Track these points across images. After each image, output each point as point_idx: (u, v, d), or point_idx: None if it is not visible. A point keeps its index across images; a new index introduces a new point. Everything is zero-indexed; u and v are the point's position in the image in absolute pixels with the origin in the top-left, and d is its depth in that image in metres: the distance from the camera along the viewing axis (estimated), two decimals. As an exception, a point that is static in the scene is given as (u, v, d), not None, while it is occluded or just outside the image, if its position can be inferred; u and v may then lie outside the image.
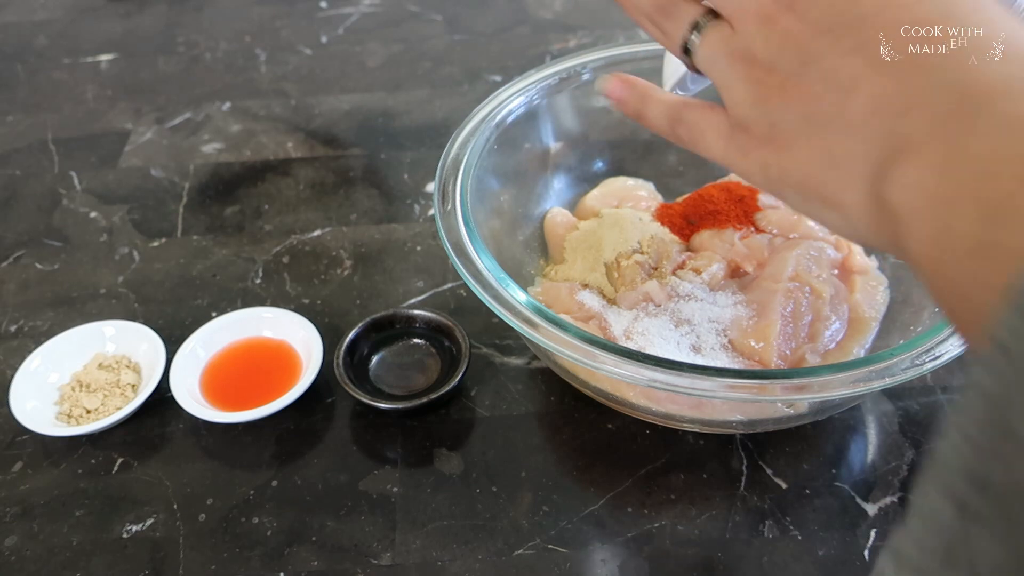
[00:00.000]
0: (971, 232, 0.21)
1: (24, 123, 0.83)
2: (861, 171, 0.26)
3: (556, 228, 0.59)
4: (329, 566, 0.46)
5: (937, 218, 0.22)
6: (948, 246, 0.22)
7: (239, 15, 1.00)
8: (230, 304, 0.61)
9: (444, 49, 0.91)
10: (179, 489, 0.50)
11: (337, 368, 0.52)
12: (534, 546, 0.46)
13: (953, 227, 0.22)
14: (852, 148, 0.26)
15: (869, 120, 0.26)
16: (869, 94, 0.26)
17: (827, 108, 0.27)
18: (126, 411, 0.52)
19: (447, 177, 0.50)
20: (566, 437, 0.52)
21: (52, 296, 0.63)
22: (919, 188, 0.23)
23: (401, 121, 0.80)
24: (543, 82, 0.57)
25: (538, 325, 0.41)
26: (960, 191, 0.22)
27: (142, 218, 0.70)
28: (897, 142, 0.25)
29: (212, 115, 0.82)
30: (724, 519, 0.47)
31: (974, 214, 0.21)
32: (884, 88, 0.25)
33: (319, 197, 0.72)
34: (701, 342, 0.48)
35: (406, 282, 0.63)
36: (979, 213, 0.21)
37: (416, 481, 0.50)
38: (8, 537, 0.48)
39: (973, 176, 0.22)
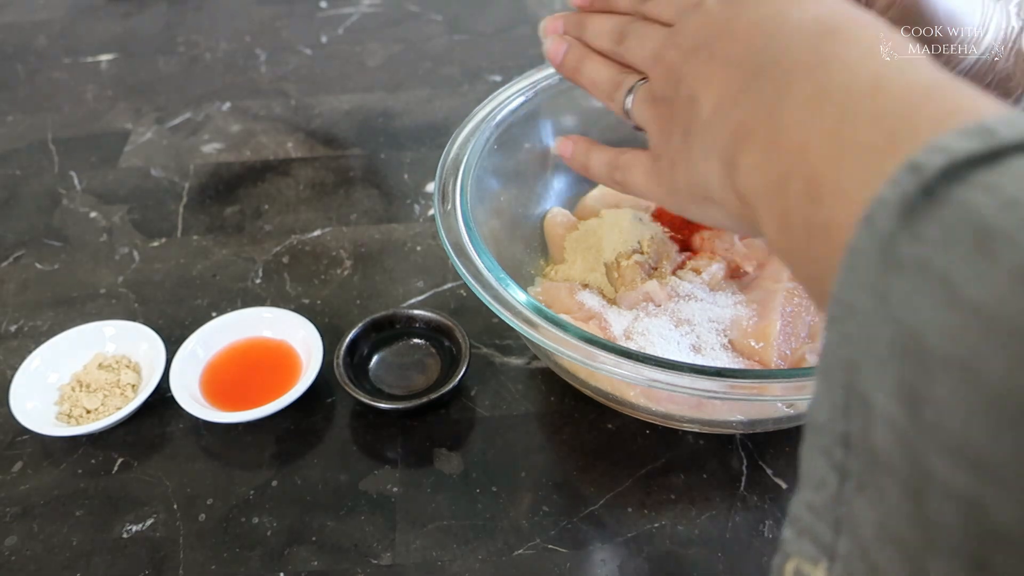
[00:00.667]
0: (802, 214, 0.21)
1: (24, 123, 0.83)
2: (717, 163, 0.27)
3: (556, 228, 0.59)
4: (329, 566, 0.46)
5: (774, 202, 0.23)
6: (788, 230, 0.22)
7: (239, 15, 1.00)
8: (230, 304, 0.61)
9: (444, 49, 0.91)
10: (179, 489, 0.50)
11: (337, 368, 0.52)
12: (534, 546, 0.46)
13: (788, 210, 0.22)
14: (706, 143, 0.28)
15: (713, 116, 0.28)
16: (715, 92, 0.28)
17: (690, 116, 0.30)
18: (126, 411, 0.52)
19: (447, 177, 0.50)
20: (566, 437, 0.52)
21: (52, 296, 0.63)
22: (756, 171, 0.24)
23: (401, 121, 0.80)
24: (543, 82, 0.57)
25: (538, 325, 0.41)
26: (785, 171, 0.22)
27: (142, 218, 0.70)
28: (736, 128, 0.26)
29: (212, 115, 0.82)
30: (724, 519, 0.47)
31: (801, 195, 0.21)
32: (723, 83, 0.27)
33: (319, 197, 0.72)
34: (701, 342, 0.48)
35: (406, 282, 0.63)
36: (803, 193, 0.21)
37: (416, 481, 0.50)
38: (8, 537, 0.48)
39: (791, 155, 0.22)
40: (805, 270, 0.23)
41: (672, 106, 0.32)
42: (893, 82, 0.20)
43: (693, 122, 0.29)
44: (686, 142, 0.30)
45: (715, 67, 0.28)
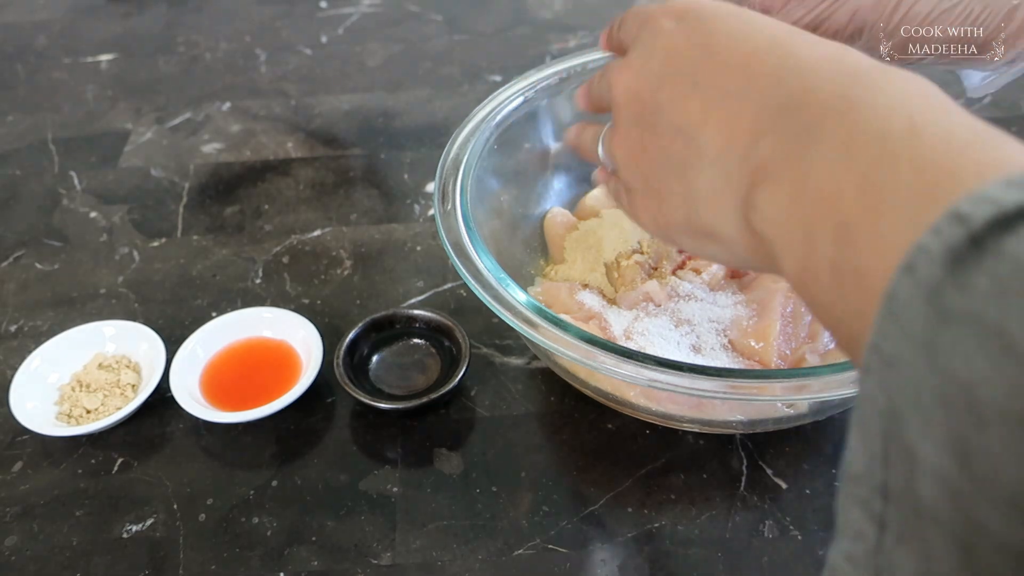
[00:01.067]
0: (829, 257, 0.21)
1: (24, 123, 0.83)
2: (730, 203, 0.27)
3: (556, 228, 0.59)
4: (329, 566, 0.46)
5: (798, 244, 0.23)
6: (813, 272, 0.22)
7: (239, 15, 1.00)
8: (230, 304, 0.61)
9: (444, 49, 0.91)
10: (179, 489, 0.50)
11: (337, 368, 0.52)
12: (534, 546, 0.46)
13: (813, 253, 0.22)
14: (715, 183, 0.27)
15: (724, 153, 0.27)
16: (717, 128, 0.27)
17: (682, 151, 0.29)
18: (126, 411, 0.52)
19: (447, 177, 0.50)
20: (566, 437, 0.52)
21: (52, 296, 0.63)
22: (778, 214, 0.24)
23: (401, 121, 0.80)
24: (543, 82, 0.57)
25: (538, 325, 0.41)
26: (812, 216, 0.22)
27: (142, 218, 0.70)
28: (756, 169, 0.25)
29: (212, 115, 0.82)
30: (724, 519, 0.47)
31: (829, 239, 0.21)
32: (731, 118, 0.26)
33: (319, 197, 0.72)
34: (701, 342, 0.48)
35: (406, 282, 0.63)
36: (832, 238, 0.21)
37: (416, 481, 0.50)
38: (8, 537, 0.48)
39: (820, 200, 0.22)
40: (830, 313, 0.22)
41: (642, 137, 0.31)
42: (931, 129, 0.20)
43: (693, 157, 0.28)
44: (684, 177, 0.29)
45: (710, 100, 0.27)
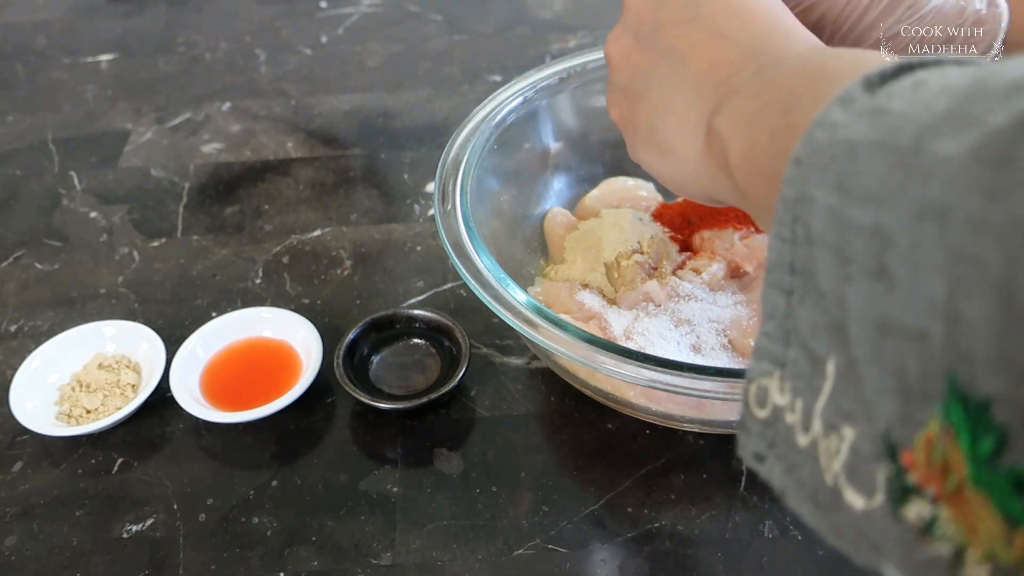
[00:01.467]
0: (771, 124, 0.27)
1: (24, 123, 0.83)
2: (697, 117, 0.32)
3: (556, 228, 0.59)
4: (329, 566, 0.46)
5: (749, 126, 0.28)
6: (756, 141, 0.27)
7: (239, 15, 1.00)
8: (230, 304, 0.61)
9: (444, 49, 0.91)
10: (179, 489, 0.50)
11: (337, 368, 0.52)
12: (534, 546, 0.46)
13: (759, 127, 0.27)
14: (687, 99, 0.33)
15: (702, 78, 0.32)
16: (703, 59, 0.32)
17: (667, 69, 0.34)
18: (126, 411, 0.52)
19: (447, 177, 0.50)
20: (566, 437, 0.52)
21: (52, 296, 0.63)
22: (739, 113, 0.29)
23: (401, 121, 0.80)
24: (543, 82, 0.57)
25: (538, 325, 0.41)
26: (765, 105, 0.28)
27: (142, 218, 0.70)
28: (726, 91, 0.31)
29: (212, 115, 0.82)
30: (724, 519, 0.47)
31: (775, 112, 0.27)
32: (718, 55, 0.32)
33: (319, 197, 0.72)
34: (701, 342, 0.48)
35: (406, 282, 0.63)
36: (778, 111, 0.27)
37: (416, 481, 0.50)
38: (8, 537, 0.48)
39: (776, 94, 0.28)
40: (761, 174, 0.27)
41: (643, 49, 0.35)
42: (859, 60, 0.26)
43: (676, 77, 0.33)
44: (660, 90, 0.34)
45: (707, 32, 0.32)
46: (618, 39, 0.37)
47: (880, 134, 0.18)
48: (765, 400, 0.22)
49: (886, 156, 0.18)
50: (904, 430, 0.17)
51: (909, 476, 0.17)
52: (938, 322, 0.16)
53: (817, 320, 0.20)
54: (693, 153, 0.33)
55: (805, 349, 0.21)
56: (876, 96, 0.20)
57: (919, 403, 0.17)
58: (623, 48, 0.37)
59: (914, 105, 0.18)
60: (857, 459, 0.19)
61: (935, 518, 0.17)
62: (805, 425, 0.21)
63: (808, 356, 0.20)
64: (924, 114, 0.18)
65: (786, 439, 0.21)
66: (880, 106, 0.19)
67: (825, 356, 0.20)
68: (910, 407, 0.17)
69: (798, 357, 0.21)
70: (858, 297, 0.18)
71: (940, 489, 0.17)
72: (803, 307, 0.21)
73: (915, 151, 0.17)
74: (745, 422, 0.23)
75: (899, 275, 0.17)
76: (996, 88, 0.17)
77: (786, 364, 0.21)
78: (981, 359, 0.15)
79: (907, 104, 0.18)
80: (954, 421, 0.16)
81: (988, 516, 0.16)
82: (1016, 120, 0.15)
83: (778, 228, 0.21)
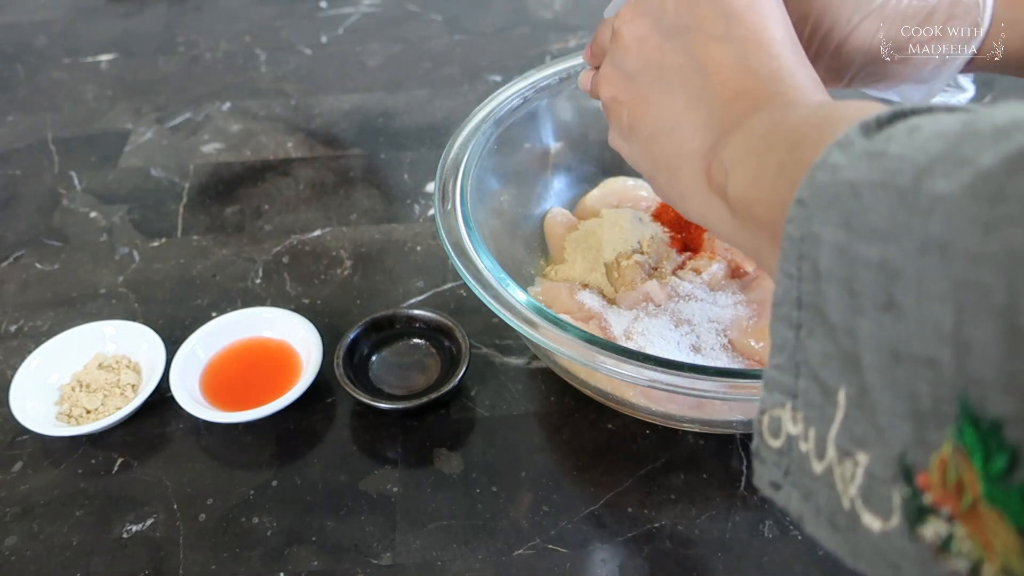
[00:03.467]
0: (779, 158, 0.27)
1: (24, 123, 0.83)
2: (702, 139, 0.32)
3: (556, 228, 0.59)
4: (329, 566, 0.46)
5: (756, 159, 0.29)
6: (761, 173, 0.28)
7: (239, 15, 1.00)
8: (230, 304, 0.61)
9: (444, 49, 0.91)
10: (179, 489, 0.50)
11: (337, 368, 0.52)
12: (534, 546, 0.46)
13: (766, 160, 0.28)
14: (700, 121, 0.32)
15: (721, 106, 0.32)
16: (729, 86, 0.32)
17: (688, 83, 0.33)
18: (126, 411, 0.52)
19: (447, 177, 0.50)
20: (566, 437, 0.52)
21: (52, 296, 0.63)
22: (746, 147, 0.30)
23: (401, 121, 0.80)
24: (543, 82, 0.57)
25: (538, 325, 0.41)
26: (774, 142, 0.28)
27: (142, 218, 0.70)
28: (736, 123, 0.31)
29: (212, 115, 0.82)
30: (724, 519, 0.47)
31: (783, 149, 0.27)
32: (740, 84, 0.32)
33: (319, 197, 0.72)
34: (701, 342, 0.48)
35: (406, 282, 0.63)
36: (786, 147, 0.27)
37: (416, 481, 0.50)
38: (8, 537, 0.48)
39: (784, 134, 0.28)
40: (762, 208, 0.28)
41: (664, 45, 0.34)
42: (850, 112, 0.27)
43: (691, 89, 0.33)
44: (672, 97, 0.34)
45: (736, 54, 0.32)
46: (635, 18, 0.35)
47: (881, 175, 0.19)
48: (778, 430, 0.23)
49: (888, 195, 0.19)
50: (919, 453, 0.18)
51: (925, 496, 0.18)
52: (947, 348, 0.17)
53: (827, 351, 0.21)
54: (690, 173, 0.33)
55: (816, 380, 0.21)
56: (873, 140, 0.21)
57: (932, 426, 0.18)
58: (639, 31, 0.35)
59: (910, 148, 0.19)
60: (872, 483, 0.20)
61: (951, 536, 0.18)
62: (819, 452, 0.21)
63: (819, 386, 0.21)
64: (920, 156, 0.19)
65: (801, 467, 0.22)
66: (878, 149, 0.20)
67: (836, 385, 0.21)
68: (924, 430, 0.18)
69: (809, 387, 0.22)
70: (869, 328, 0.19)
71: (955, 508, 0.17)
72: (812, 339, 0.21)
73: (915, 190, 0.18)
74: (759, 452, 0.24)
75: (907, 306, 0.18)
76: (984, 132, 0.18)
77: (797, 395, 0.22)
78: (991, 382, 0.16)
79: (903, 147, 0.19)
80: (967, 442, 0.17)
81: (1003, 531, 0.17)
82: (1004, 160, 0.17)
83: (784, 265, 0.22)
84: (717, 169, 0.31)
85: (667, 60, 0.34)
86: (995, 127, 0.18)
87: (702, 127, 0.32)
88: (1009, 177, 0.16)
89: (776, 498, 0.23)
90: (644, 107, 0.35)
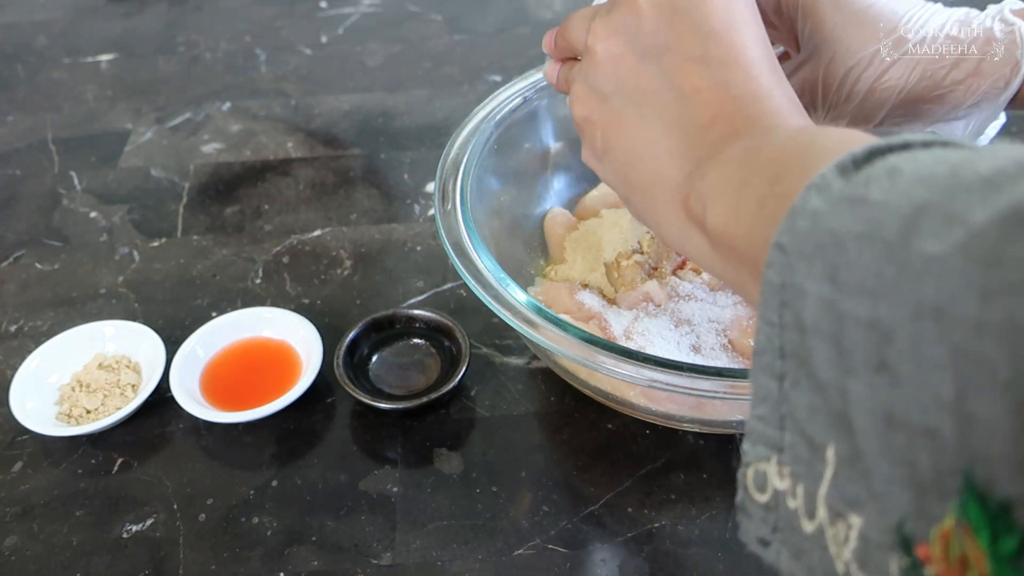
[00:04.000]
0: (759, 192, 0.26)
1: (24, 123, 0.83)
2: (678, 167, 0.31)
3: (556, 228, 0.59)
4: (329, 566, 0.46)
5: (733, 194, 0.27)
6: (741, 207, 0.27)
7: (239, 15, 1.00)
8: (230, 304, 0.61)
9: (444, 49, 0.91)
10: (179, 489, 0.50)
11: (337, 368, 0.52)
12: (534, 546, 0.46)
13: (745, 194, 0.27)
14: (677, 149, 0.31)
15: (699, 132, 0.30)
16: (707, 111, 0.30)
17: (665, 107, 0.32)
18: (126, 411, 0.52)
19: (447, 177, 0.50)
20: (566, 437, 0.52)
21: (52, 296, 0.63)
22: (723, 179, 0.28)
23: (401, 121, 0.80)
24: (543, 82, 0.57)
25: (538, 325, 0.41)
26: (752, 173, 0.27)
27: (142, 218, 0.70)
28: (714, 152, 0.30)
29: (212, 115, 0.82)
30: (724, 519, 0.47)
31: (763, 181, 0.26)
32: (717, 108, 0.30)
33: (319, 197, 0.72)
34: (701, 342, 0.48)
35: (406, 282, 0.63)
36: (766, 180, 0.26)
37: (416, 481, 0.50)
38: (8, 537, 0.48)
39: (763, 164, 0.27)
40: (743, 242, 0.26)
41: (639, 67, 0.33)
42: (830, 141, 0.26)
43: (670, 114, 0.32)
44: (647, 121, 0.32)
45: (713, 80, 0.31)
46: (610, 36, 0.34)
47: (865, 226, 0.18)
48: (764, 485, 0.22)
49: (875, 250, 0.18)
50: (918, 523, 0.17)
51: (926, 569, 0.17)
52: (948, 420, 0.16)
53: (814, 405, 0.20)
54: (667, 201, 0.31)
55: (802, 434, 0.20)
56: (852, 182, 0.20)
57: (934, 498, 0.17)
58: (613, 49, 0.34)
59: (893, 194, 0.18)
60: (868, 547, 0.18)
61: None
62: (809, 512, 0.20)
63: (806, 441, 0.20)
64: (905, 206, 0.18)
65: (790, 524, 0.21)
66: (858, 195, 0.19)
67: (824, 442, 0.19)
68: (924, 501, 0.17)
69: (795, 442, 0.21)
70: (860, 389, 0.18)
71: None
72: (797, 391, 0.20)
73: (904, 247, 0.17)
74: (745, 506, 0.23)
75: (903, 371, 0.17)
76: (972, 183, 0.17)
77: (783, 448, 0.21)
78: (999, 461, 0.15)
79: (886, 193, 0.19)
80: (972, 519, 0.16)
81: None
82: (997, 218, 0.16)
83: (765, 312, 0.21)
84: (695, 200, 0.29)
85: (643, 83, 0.32)
86: (982, 178, 0.17)
87: (678, 155, 0.31)
88: (1005, 239, 0.15)
89: (765, 555, 0.22)
90: (619, 130, 0.34)
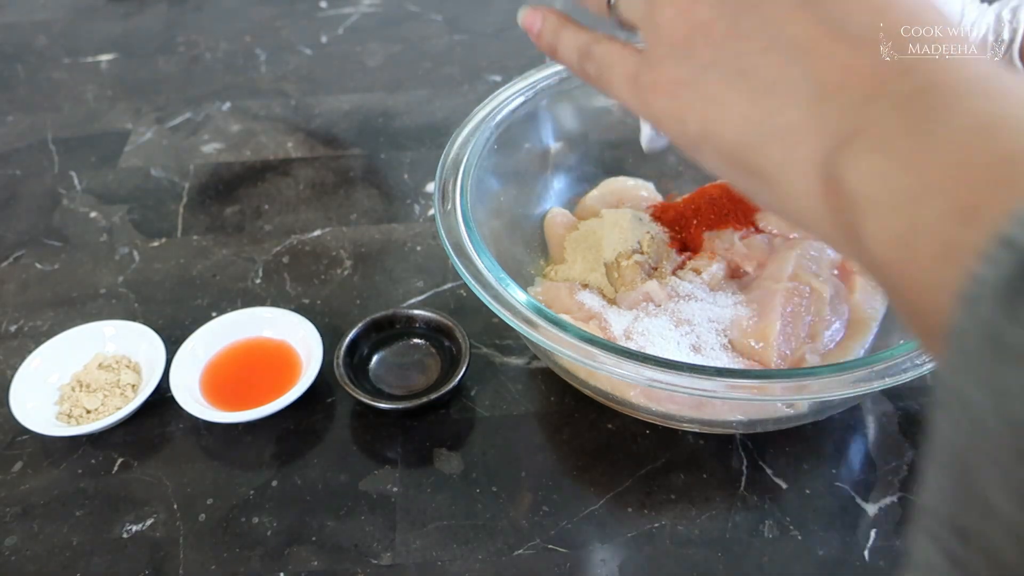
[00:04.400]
0: (940, 234, 0.19)
1: (24, 123, 0.83)
2: (811, 149, 0.23)
3: (556, 228, 0.59)
4: (329, 566, 0.46)
5: (902, 215, 0.20)
6: (914, 246, 0.20)
7: (239, 15, 1.00)
8: (230, 304, 0.61)
9: (444, 49, 0.91)
10: (179, 489, 0.50)
11: (337, 368, 0.52)
12: (534, 546, 0.46)
13: (920, 227, 0.20)
14: (801, 121, 0.24)
15: (829, 94, 0.23)
16: (835, 64, 0.23)
17: (772, 68, 0.24)
18: (126, 411, 0.52)
19: (447, 177, 0.50)
20: (566, 437, 0.52)
21: (52, 296, 0.63)
22: (882, 179, 0.21)
23: (401, 121, 0.80)
24: (543, 82, 0.57)
25: (538, 325, 0.41)
26: (929, 189, 0.20)
27: (142, 218, 0.70)
28: (857, 123, 0.22)
29: (212, 115, 0.82)
30: (724, 519, 0.47)
31: (945, 215, 0.19)
32: (845, 61, 0.23)
33: (319, 197, 0.72)
34: (701, 342, 0.48)
35: (406, 282, 0.63)
36: (950, 215, 0.19)
37: (416, 481, 0.50)
38: (8, 537, 0.48)
39: (943, 176, 0.20)
40: (918, 295, 0.20)
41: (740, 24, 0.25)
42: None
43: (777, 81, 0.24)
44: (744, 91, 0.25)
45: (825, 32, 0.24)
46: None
47: None
48: None
49: None
50: None
51: None
52: None
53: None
54: (802, 191, 0.24)
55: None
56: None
57: None
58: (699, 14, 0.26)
59: None
60: None
61: None
62: None
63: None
64: None
65: None
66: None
67: None
68: None
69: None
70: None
71: None
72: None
73: None
74: None
75: None
76: None
77: None
78: None
79: None
80: None
81: None
82: None
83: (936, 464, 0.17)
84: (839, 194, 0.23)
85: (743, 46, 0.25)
86: None
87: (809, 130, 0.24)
88: None
89: None
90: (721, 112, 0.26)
